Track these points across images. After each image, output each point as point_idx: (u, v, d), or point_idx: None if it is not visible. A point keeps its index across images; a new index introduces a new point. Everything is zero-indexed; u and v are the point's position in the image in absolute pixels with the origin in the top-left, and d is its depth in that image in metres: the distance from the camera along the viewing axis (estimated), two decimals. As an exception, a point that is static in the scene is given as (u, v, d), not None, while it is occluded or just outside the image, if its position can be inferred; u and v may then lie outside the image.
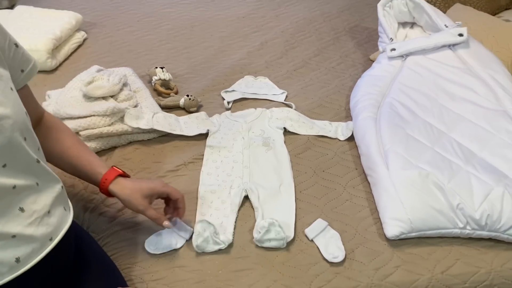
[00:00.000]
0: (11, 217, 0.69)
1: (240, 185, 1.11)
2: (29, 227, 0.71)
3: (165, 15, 1.85)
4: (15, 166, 0.69)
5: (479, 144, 1.14)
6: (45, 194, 0.76)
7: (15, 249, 0.69)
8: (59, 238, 0.77)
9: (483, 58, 1.36)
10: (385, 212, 1.03)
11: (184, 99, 1.33)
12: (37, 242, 0.73)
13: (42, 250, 0.74)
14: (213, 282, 0.94)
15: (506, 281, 0.98)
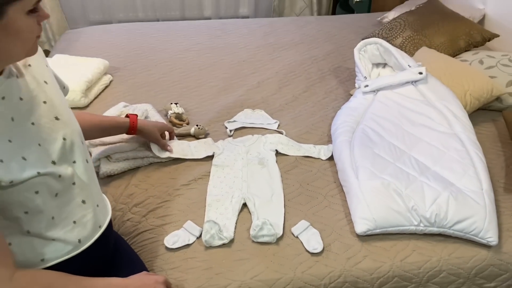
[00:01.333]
0: (74, 207, 0.93)
1: (240, 195, 1.36)
2: (86, 216, 0.96)
3: (178, 60, 2.12)
4: (80, 163, 0.94)
5: (432, 160, 1.40)
6: (94, 189, 1.00)
7: (77, 232, 0.93)
8: (105, 226, 1.02)
9: (439, 91, 1.63)
10: (355, 213, 1.27)
11: (194, 128, 1.61)
12: (91, 228, 0.97)
13: (94, 234, 0.98)
14: (218, 268, 1.17)
15: (452, 267, 1.21)
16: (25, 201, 0.82)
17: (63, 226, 0.91)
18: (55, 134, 0.88)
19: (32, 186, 0.82)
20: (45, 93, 0.89)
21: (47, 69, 0.94)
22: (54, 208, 0.88)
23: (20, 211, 0.83)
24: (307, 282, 1.16)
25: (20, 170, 0.79)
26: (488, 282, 1.24)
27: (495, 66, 1.83)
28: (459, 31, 2.03)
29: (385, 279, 1.19)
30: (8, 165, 0.78)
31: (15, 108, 0.82)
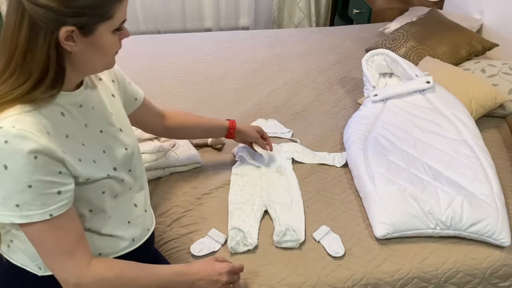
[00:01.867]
0: (128, 210, 1.01)
1: (260, 202, 1.41)
2: (138, 218, 1.03)
3: (189, 72, 2.17)
4: (135, 172, 1.02)
5: (444, 165, 1.46)
6: (144, 195, 1.08)
7: (131, 231, 1.01)
8: (152, 230, 1.10)
9: (447, 99, 1.70)
10: (374, 218, 1.32)
11: (211, 139, 1.66)
12: (141, 229, 1.05)
13: (143, 236, 1.06)
14: (245, 274, 1.20)
15: (468, 267, 1.27)
16: (93, 199, 0.91)
17: (120, 225, 0.99)
18: (119, 143, 0.98)
19: (101, 186, 0.91)
20: (112, 105, 0.99)
21: (113, 84, 1.03)
22: (112, 208, 0.96)
23: (86, 209, 0.91)
24: (331, 285, 1.21)
25: (93, 170, 0.88)
26: (502, 282, 1.29)
27: (496, 74, 1.91)
28: (460, 41, 2.11)
29: (405, 280, 1.24)
30: (85, 164, 0.87)
31: (89, 116, 0.91)
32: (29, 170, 0.76)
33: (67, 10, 0.74)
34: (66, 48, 0.78)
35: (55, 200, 0.80)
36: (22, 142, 0.74)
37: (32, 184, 0.76)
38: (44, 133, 0.78)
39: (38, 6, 0.73)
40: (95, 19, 0.78)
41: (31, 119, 0.77)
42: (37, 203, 0.78)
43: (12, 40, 0.75)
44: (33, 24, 0.74)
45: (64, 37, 0.76)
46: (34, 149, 0.75)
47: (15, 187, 0.76)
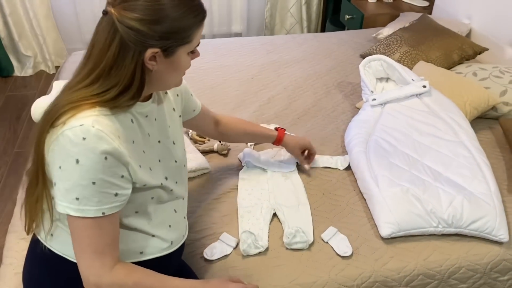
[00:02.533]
0: (169, 214, 1.06)
1: (269, 206, 1.45)
2: (177, 223, 1.09)
3: (189, 79, 2.18)
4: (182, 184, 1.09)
5: (443, 166, 1.52)
6: (185, 205, 1.14)
7: (171, 234, 1.06)
8: (186, 236, 1.15)
9: (443, 103, 1.77)
10: (379, 218, 1.38)
11: (217, 145, 1.69)
12: (179, 234, 1.10)
13: (179, 241, 1.11)
14: (258, 275, 1.25)
15: (470, 263, 1.33)
16: (142, 203, 0.97)
17: (162, 227, 1.04)
18: (171, 155, 1.06)
19: (152, 193, 0.98)
20: (171, 118, 1.07)
21: (177, 98, 1.12)
22: (156, 211, 1.02)
23: (133, 211, 0.97)
24: (341, 283, 1.26)
25: (149, 177, 0.95)
26: (502, 276, 1.36)
27: (488, 77, 1.98)
28: (452, 45, 2.19)
29: (411, 277, 1.29)
30: (143, 171, 0.94)
31: (151, 126, 0.99)
32: (97, 168, 0.82)
33: (155, 34, 0.83)
34: (148, 67, 0.86)
35: (110, 200, 0.86)
36: (98, 142, 0.81)
37: (96, 182, 0.83)
38: (117, 137, 0.85)
39: (130, 29, 0.81)
40: (178, 42, 0.86)
41: (108, 122, 0.84)
42: (94, 199, 0.84)
43: (99, 55, 0.84)
44: (123, 43, 0.82)
45: (148, 57, 0.85)
46: (107, 150, 0.82)
47: (80, 181, 0.82)
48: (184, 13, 0.84)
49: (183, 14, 0.84)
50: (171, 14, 0.83)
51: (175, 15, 0.83)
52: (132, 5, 0.81)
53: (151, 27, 0.82)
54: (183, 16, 0.84)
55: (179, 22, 0.84)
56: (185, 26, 0.85)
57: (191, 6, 0.86)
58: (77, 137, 0.81)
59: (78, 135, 0.81)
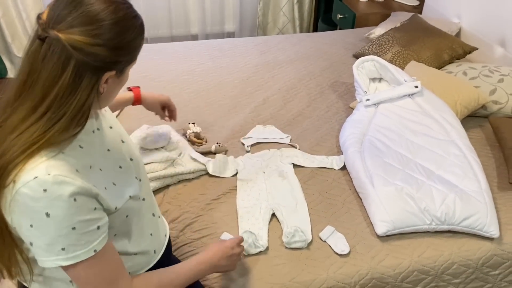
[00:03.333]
0: (148, 221, 1.04)
1: (267, 206, 1.49)
2: (158, 227, 1.08)
3: (185, 81, 2.22)
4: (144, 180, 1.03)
5: (436, 165, 1.57)
6: (155, 201, 1.11)
7: (153, 243, 1.05)
8: (168, 234, 1.15)
9: (434, 102, 1.81)
10: (374, 216, 1.42)
11: (215, 146, 1.72)
12: (161, 237, 1.10)
13: (163, 243, 1.11)
14: (258, 274, 1.28)
15: (462, 259, 1.38)
16: (119, 225, 0.93)
17: (143, 240, 1.02)
18: (125, 156, 0.98)
19: (124, 211, 0.92)
20: (107, 119, 0.99)
21: None
22: (136, 226, 0.99)
23: (111, 235, 0.92)
24: (339, 280, 1.30)
25: (117, 195, 0.90)
26: (493, 270, 1.41)
27: (477, 77, 2.03)
28: (442, 45, 2.24)
29: (406, 273, 1.34)
30: (110, 191, 0.88)
31: (98, 138, 0.91)
32: (71, 213, 0.77)
33: (117, 59, 0.79)
34: (100, 90, 0.81)
35: (96, 235, 0.82)
36: (60, 188, 0.75)
37: (76, 226, 0.78)
38: (75, 173, 0.79)
39: (90, 56, 0.75)
40: (130, 62, 0.84)
41: (60, 162, 0.78)
42: (81, 242, 0.80)
43: (47, 86, 0.75)
44: (78, 71, 0.75)
45: (103, 81, 0.80)
46: (73, 191, 0.76)
47: (60, 232, 0.77)
48: (136, 34, 0.81)
49: (135, 35, 0.81)
50: (128, 37, 0.79)
51: (131, 37, 0.80)
52: (88, 30, 0.75)
53: (116, 53, 0.78)
54: (135, 37, 0.81)
55: (135, 43, 0.82)
56: (139, 45, 0.83)
57: (139, 26, 0.82)
58: (36, 191, 0.74)
59: (36, 190, 0.74)
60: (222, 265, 1.08)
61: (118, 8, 0.78)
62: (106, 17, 0.76)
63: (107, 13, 0.77)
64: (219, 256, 1.07)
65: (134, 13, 0.82)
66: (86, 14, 0.75)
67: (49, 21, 0.75)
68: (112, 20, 0.77)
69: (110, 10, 0.77)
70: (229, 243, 1.11)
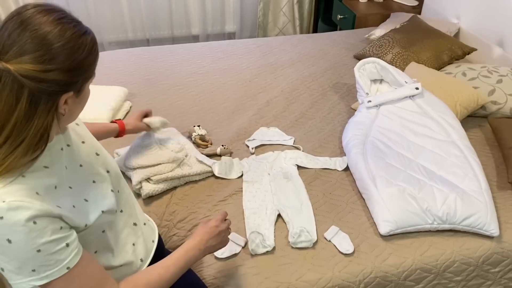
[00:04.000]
0: (129, 232, 1.04)
1: (273, 207, 1.52)
2: (140, 236, 1.08)
3: (188, 83, 2.25)
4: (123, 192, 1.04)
5: (437, 166, 1.61)
6: (138, 210, 1.12)
7: (138, 252, 1.06)
8: (156, 240, 1.15)
9: (435, 104, 1.85)
10: (378, 216, 1.46)
11: (220, 148, 1.76)
12: (147, 245, 1.10)
13: (151, 249, 1.12)
14: (266, 273, 1.32)
15: (463, 257, 1.42)
16: (96, 241, 0.93)
17: (126, 251, 1.02)
18: (100, 169, 0.97)
19: (99, 226, 0.91)
20: (80, 134, 0.98)
21: None
22: (115, 240, 0.99)
23: (92, 251, 0.93)
24: (344, 279, 1.34)
25: (87, 212, 0.89)
26: (493, 268, 1.45)
27: (476, 77, 2.07)
28: (442, 46, 2.27)
29: (409, 272, 1.38)
30: (78, 209, 0.86)
31: (67, 155, 0.90)
32: (33, 236, 0.75)
33: (72, 80, 0.77)
34: (60, 112, 0.79)
35: (66, 253, 0.81)
36: (17, 213, 0.74)
37: (40, 248, 0.77)
38: (34, 196, 0.77)
39: (44, 82, 0.73)
40: (87, 79, 0.82)
41: (17, 187, 0.76)
42: (51, 262, 0.79)
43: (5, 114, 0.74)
44: (33, 98, 0.74)
45: (62, 103, 0.78)
46: (31, 215, 0.75)
47: (26, 256, 0.76)
48: (87, 51, 0.79)
49: (87, 52, 0.79)
50: (79, 56, 0.77)
51: (82, 56, 0.78)
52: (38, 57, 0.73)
53: (69, 75, 0.76)
54: (87, 55, 0.79)
55: (88, 60, 0.80)
56: (93, 62, 0.82)
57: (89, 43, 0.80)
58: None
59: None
60: (212, 245, 1.09)
61: (65, 28, 0.76)
62: (54, 39, 0.74)
63: (54, 36, 0.74)
64: (206, 238, 1.07)
65: (82, 30, 0.79)
66: (33, 40, 0.72)
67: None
68: (61, 42, 0.74)
69: (57, 32, 0.74)
70: (213, 222, 1.10)
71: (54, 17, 0.75)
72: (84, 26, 0.80)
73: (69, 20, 0.78)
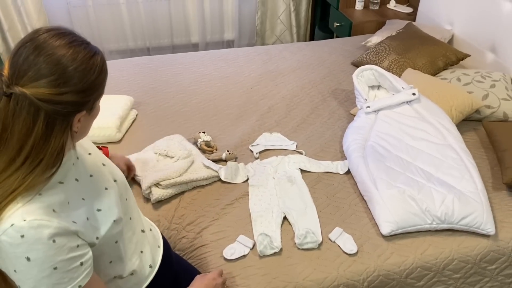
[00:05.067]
0: (138, 239, 1.08)
1: (278, 210, 1.58)
2: (148, 242, 1.13)
3: (192, 91, 2.31)
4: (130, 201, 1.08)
5: (434, 168, 1.68)
6: (142, 216, 1.17)
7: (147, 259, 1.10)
8: (162, 244, 1.20)
9: (431, 108, 1.92)
10: (379, 217, 1.52)
11: (225, 154, 1.82)
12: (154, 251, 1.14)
13: (158, 254, 1.16)
14: (274, 274, 1.38)
15: (462, 255, 1.48)
16: (110, 252, 0.97)
17: (136, 259, 1.06)
18: (108, 178, 1.01)
19: (112, 237, 0.95)
20: (85, 146, 1.01)
21: None
22: (126, 248, 1.03)
23: (106, 262, 0.97)
24: (349, 278, 1.40)
25: (102, 222, 0.92)
26: (490, 265, 1.52)
27: (470, 82, 2.15)
28: (437, 53, 2.35)
29: (410, 270, 1.44)
30: (92, 221, 0.90)
31: (77, 168, 0.93)
32: (51, 254, 0.79)
33: (85, 100, 0.81)
34: (74, 130, 0.83)
35: (80, 271, 0.84)
36: (37, 231, 0.77)
37: (57, 266, 0.80)
38: (52, 214, 0.80)
39: (59, 104, 0.77)
40: (98, 98, 0.86)
41: (36, 206, 0.79)
42: (65, 280, 0.82)
43: (21, 139, 0.77)
44: (49, 118, 0.77)
45: (76, 122, 0.82)
46: (51, 233, 0.78)
47: (42, 274, 0.79)
48: (97, 71, 0.82)
49: (97, 72, 0.82)
50: (91, 77, 0.80)
51: (93, 77, 0.81)
52: (53, 80, 0.76)
53: (81, 95, 0.79)
54: (98, 75, 0.82)
55: (99, 80, 0.82)
56: (103, 80, 0.85)
57: (99, 63, 0.83)
58: (15, 238, 0.76)
59: (14, 236, 0.76)
60: None
61: (77, 50, 0.79)
62: (68, 63, 0.77)
63: (68, 59, 0.77)
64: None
65: (92, 51, 0.82)
66: (48, 65, 0.76)
67: (12, 76, 0.75)
68: (74, 65, 0.78)
69: (69, 55, 0.78)
70: (211, 276, 1.16)
71: (66, 41, 0.79)
72: (93, 46, 0.84)
73: (79, 42, 0.81)
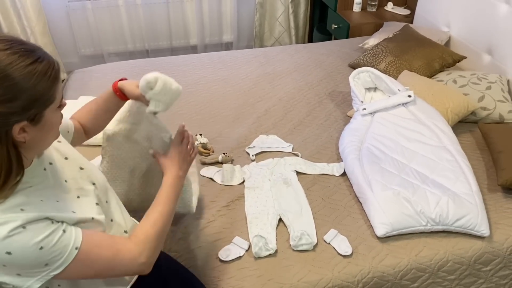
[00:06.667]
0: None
1: (274, 212, 1.59)
2: None
3: (189, 94, 2.33)
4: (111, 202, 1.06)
5: (429, 170, 1.68)
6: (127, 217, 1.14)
7: None
8: None
9: (427, 111, 1.93)
10: (374, 219, 1.53)
11: (221, 156, 1.83)
12: None
13: None
14: (269, 275, 1.39)
15: (456, 257, 1.49)
16: None
17: None
18: (85, 183, 1.00)
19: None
20: (61, 151, 1.00)
21: None
22: None
23: None
24: (343, 280, 1.40)
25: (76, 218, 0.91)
26: (485, 267, 1.52)
27: (467, 84, 2.16)
28: (433, 55, 2.36)
29: (405, 271, 1.45)
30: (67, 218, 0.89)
31: (52, 173, 0.93)
32: (28, 239, 0.79)
33: (16, 110, 0.77)
34: (20, 140, 0.80)
35: (67, 236, 0.84)
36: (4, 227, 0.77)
37: (41, 245, 0.80)
38: (19, 211, 0.80)
39: None
40: (42, 107, 0.81)
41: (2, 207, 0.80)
42: (58, 251, 0.82)
43: None
44: None
45: (17, 132, 0.79)
46: (18, 225, 0.78)
47: (31, 256, 0.80)
48: (36, 79, 0.78)
49: (36, 80, 0.78)
50: (25, 85, 0.77)
51: (28, 85, 0.77)
52: None
53: (9, 106, 0.76)
54: (37, 83, 0.78)
55: (35, 90, 0.78)
56: (43, 90, 0.80)
57: (41, 70, 0.79)
58: None
59: None
60: (185, 168, 1.16)
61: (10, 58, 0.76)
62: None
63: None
64: (178, 167, 1.13)
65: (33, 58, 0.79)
66: None
67: None
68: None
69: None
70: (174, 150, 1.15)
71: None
72: (38, 54, 0.80)
73: (16, 50, 0.77)
